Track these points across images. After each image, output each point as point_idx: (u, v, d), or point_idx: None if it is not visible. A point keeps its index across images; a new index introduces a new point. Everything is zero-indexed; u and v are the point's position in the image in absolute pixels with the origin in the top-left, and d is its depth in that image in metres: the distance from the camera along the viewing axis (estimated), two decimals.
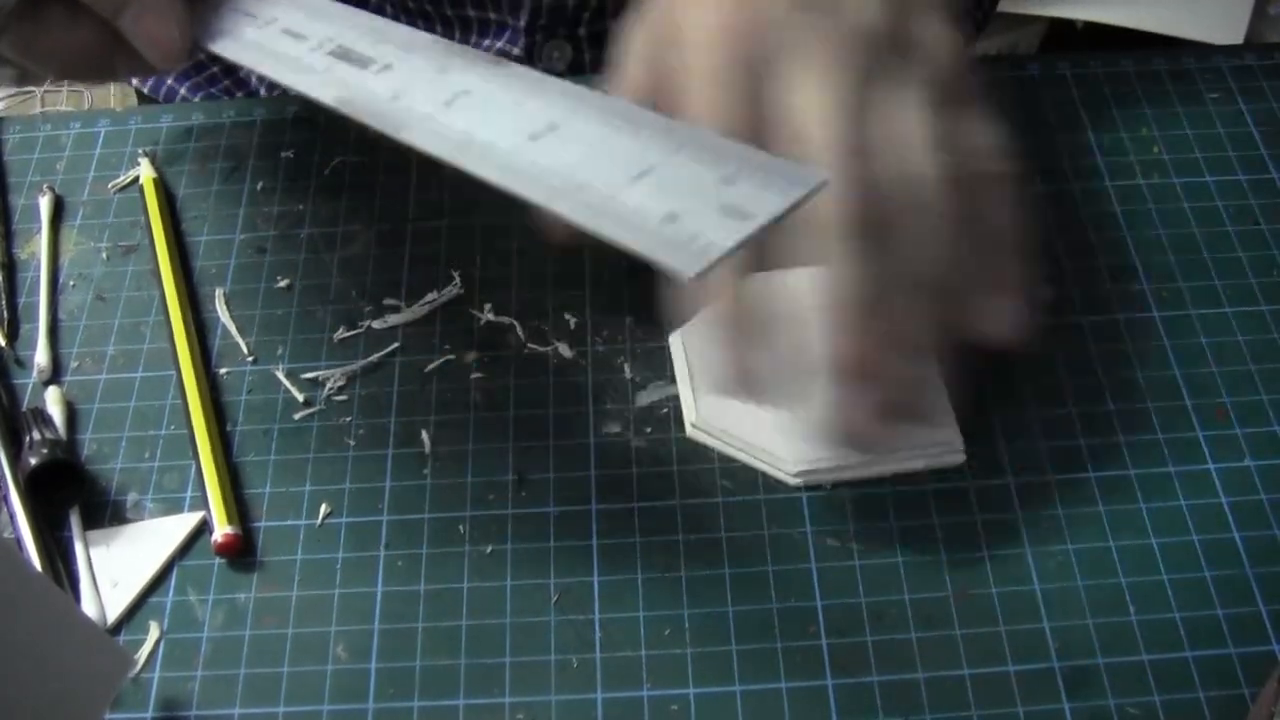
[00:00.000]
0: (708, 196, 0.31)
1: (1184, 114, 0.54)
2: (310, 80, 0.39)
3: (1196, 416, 0.45)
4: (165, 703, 0.40)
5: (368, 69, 0.39)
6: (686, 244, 0.30)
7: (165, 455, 0.45)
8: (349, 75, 0.39)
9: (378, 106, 0.37)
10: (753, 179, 0.32)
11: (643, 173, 0.33)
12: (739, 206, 0.31)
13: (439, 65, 0.38)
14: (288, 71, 0.40)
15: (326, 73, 0.39)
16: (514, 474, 0.44)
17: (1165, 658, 0.39)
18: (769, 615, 0.41)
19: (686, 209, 0.31)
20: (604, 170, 0.33)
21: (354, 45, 0.40)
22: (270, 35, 0.42)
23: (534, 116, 0.35)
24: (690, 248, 0.30)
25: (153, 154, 0.54)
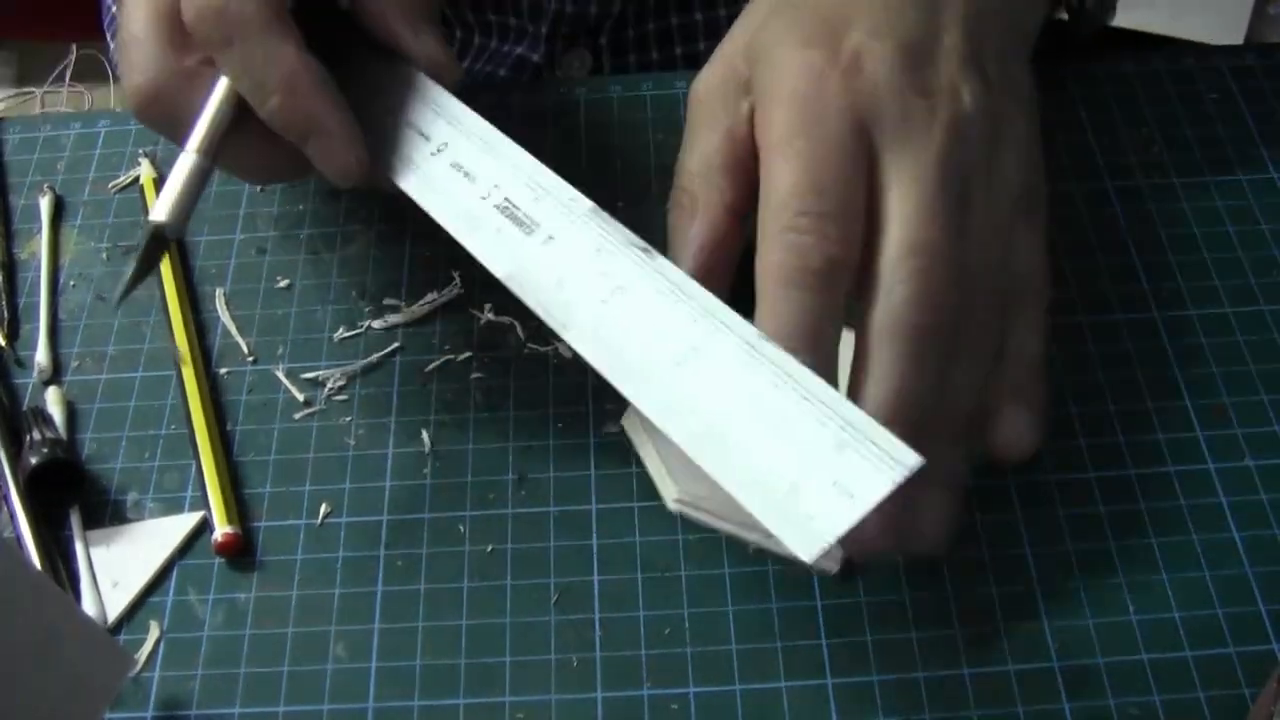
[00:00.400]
0: (824, 464, 0.33)
1: (1184, 114, 0.54)
2: (483, 243, 0.41)
3: (1196, 416, 0.45)
4: (165, 702, 0.40)
5: (532, 235, 0.41)
6: (805, 524, 0.32)
7: (165, 455, 0.45)
8: (517, 243, 0.41)
9: (545, 295, 0.39)
10: (860, 451, 0.33)
11: (773, 427, 0.34)
12: (848, 484, 0.33)
13: (595, 244, 0.40)
14: (463, 228, 0.41)
15: (497, 235, 0.41)
16: (514, 474, 0.44)
17: (1165, 658, 0.39)
18: (769, 615, 0.41)
19: (806, 478, 0.33)
20: (739, 417, 0.35)
21: (518, 200, 0.41)
22: (441, 169, 0.43)
23: (678, 334, 0.37)
24: (808, 528, 0.32)
25: (153, 154, 0.54)
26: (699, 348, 0.37)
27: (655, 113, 0.55)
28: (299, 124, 0.42)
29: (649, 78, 0.57)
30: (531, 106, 0.55)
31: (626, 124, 0.55)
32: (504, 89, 0.57)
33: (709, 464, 0.35)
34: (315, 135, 0.42)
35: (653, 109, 0.55)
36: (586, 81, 0.57)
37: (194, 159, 0.42)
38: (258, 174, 0.46)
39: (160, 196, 0.41)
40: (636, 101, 0.55)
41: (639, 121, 0.55)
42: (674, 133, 0.54)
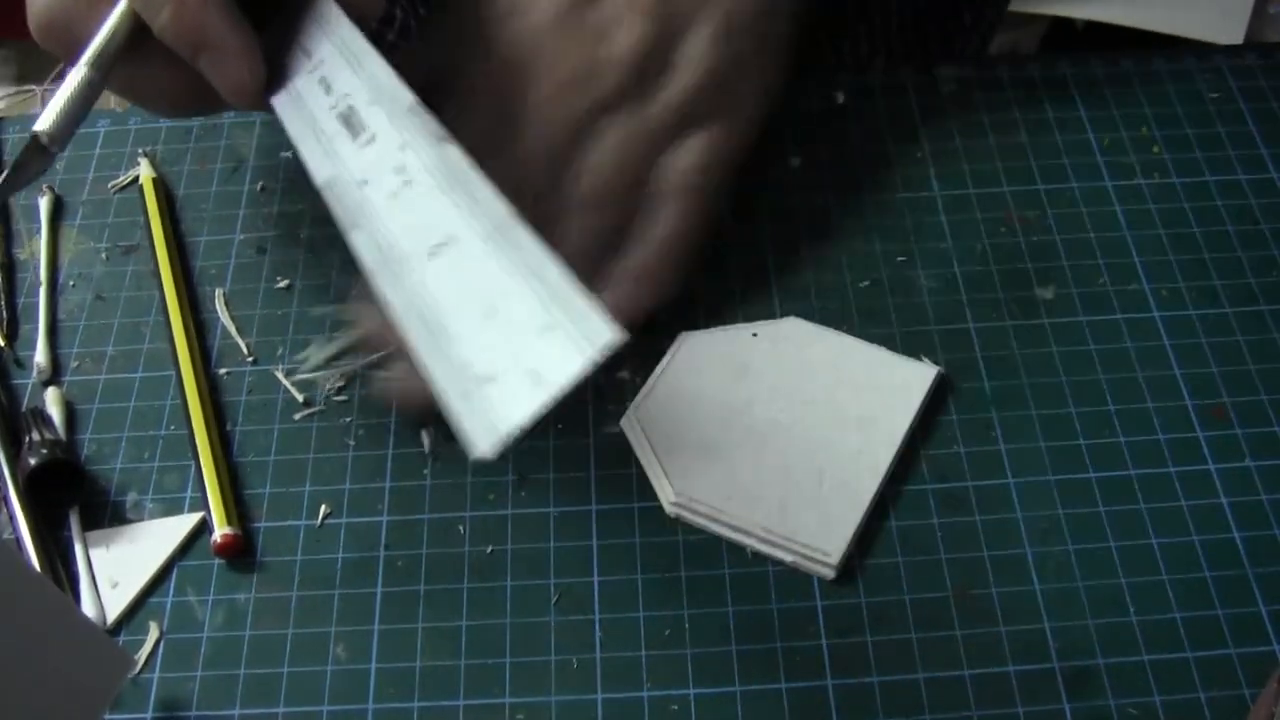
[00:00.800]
0: (527, 350, 0.32)
1: (1184, 114, 0.54)
2: (312, 151, 0.41)
3: (1196, 416, 0.45)
4: (165, 703, 0.40)
5: (357, 139, 0.40)
6: (485, 414, 0.31)
7: (165, 455, 0.45)
8: (342, 148, 0.41)
9: (348, 197, 0.39)
10: (563, 331, 0.32)
11: (493, 315, 0.34)
12: (541, 369, 0.32)
13: (401, 140, 0.39)
14: (302, 136, 0.42)
15: (328, 142, 0.41)
16: (514, 474, 0.44)
17: (1165, 658, 0.39)
18: (769, 615, 0.41)
19: (506, 368, 0.32)
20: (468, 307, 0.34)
21: (359, 106, 0.41)
22: (310, 85, 0.43)
23: (440, 224, 0.36)
24: (488, 419, 0.31)
25: (152, 154, 0.54)
26: (455, 236, 0.36)
27: None
28: (190, 37, 0.42)
29: None
30: None
31: None
32: None
33: (425, 356, 0.34)
34: (208, 50, 0.42)
35: None
36: None
37: (84, 72, 0.41)
38: (157, 99, 0.45)
39: (46, 107, 0.41)
40: None
41: None
42: None
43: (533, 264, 0.34)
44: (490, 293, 0.34)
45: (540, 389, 0.31)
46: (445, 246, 0.36)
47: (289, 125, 0.43)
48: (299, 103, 0.43)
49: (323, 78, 0.43)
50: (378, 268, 0.37)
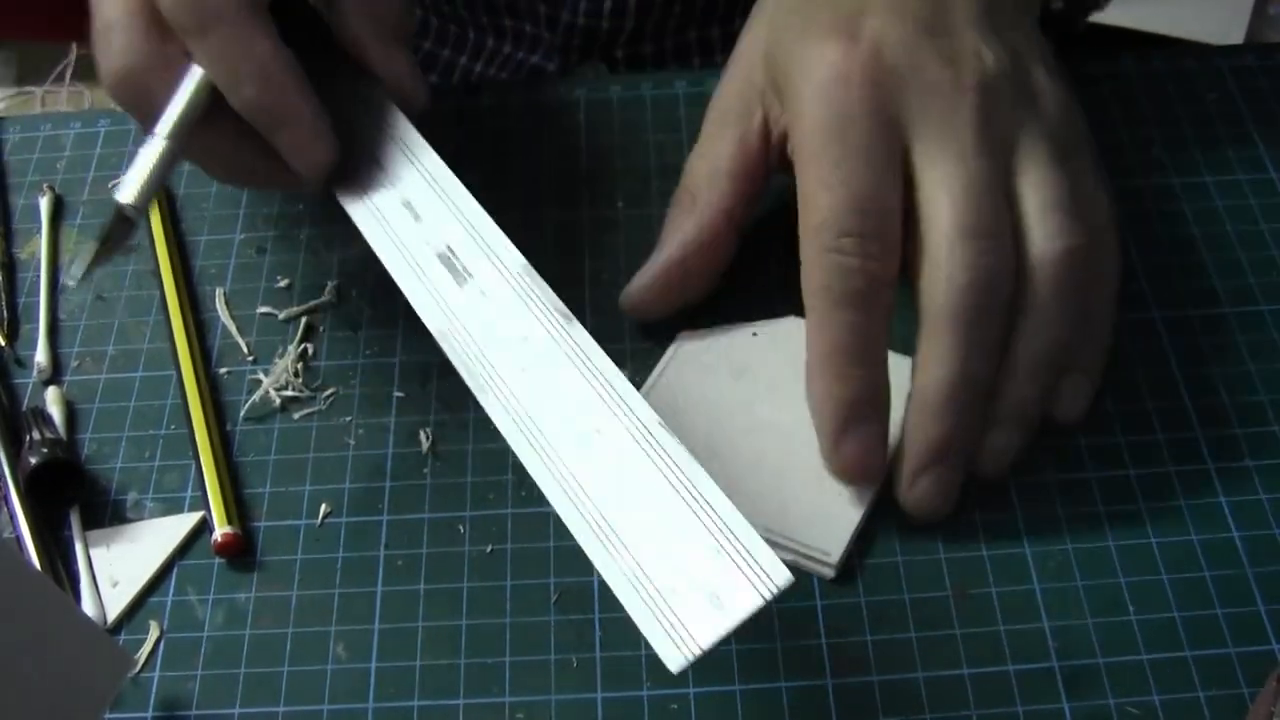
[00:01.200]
0: (701, 571, 0.33)
1: (1184, 114, 0.54)
2: (419, 291, 0.41)
3: (1196, 417, 0.45)
4: (165, 703, 0.40)
5: (464, 287, 0.41)
6: (671, 632, 0.33)
7: (165, 455, 0.45)
8: (450, 295, 0.41)
9: (469, 354, 0.39)
10: (736, 562, 0.33)
11: (658, 523, 0.34)
12: (721, 595, 0.33)
13: (521, 306, 0.40)
14: (403, 270, 0.42)
15: (433, 284, 0.41)
16: (514, 474, 0.44)
17: (1165, 658, 0.39)
18: (769, 616, 0.41)
19: (683, 584, 0.33)
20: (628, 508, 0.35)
21: (458, 249, 0.42)
22: (391, 204, 0.43)
23: (585, 412, 0.37)
24: (678, 636, 0.33)
25: None
26: (602, 430, 0.37)
27: (655, 113, 0.55)
28: (271, 113, 0.42)
29: (649, 77, 0.57)
30: (532, 106, 0.55)
31: (626, 124, 0.55)
32: (503, 89, 0.57)
33: (594, 553, 0.35)
34: (286, 126, 0.43)
35: (653, 109, 0.55)
36: (586, 81, 0.57)
37: (162, 144, 0.42)
38: (226, 169, 0.46)
39: (126, 177, 0.41)
40: (636, 101, 0.55)
41: (639, 121, 0.55)
42: (674, 132, 0.54)
43: (690, 477, 0.35)
44: (651, 499, 0.35)
45: (723, 615, 0.33)
46: (593, 437, 0.37)
47: (377, 247, 0.43)
48: (379, 219, 0.43)
49: (406, 201, 0.43)
50: (515, 438, 0.37)
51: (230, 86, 0.42)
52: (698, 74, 0.57)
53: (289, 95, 0.42)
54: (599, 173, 0.53)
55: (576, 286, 0.49)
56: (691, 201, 0.45)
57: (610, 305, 0.48)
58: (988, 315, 0.40)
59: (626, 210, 0.52)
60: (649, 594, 0.33)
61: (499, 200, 0.52)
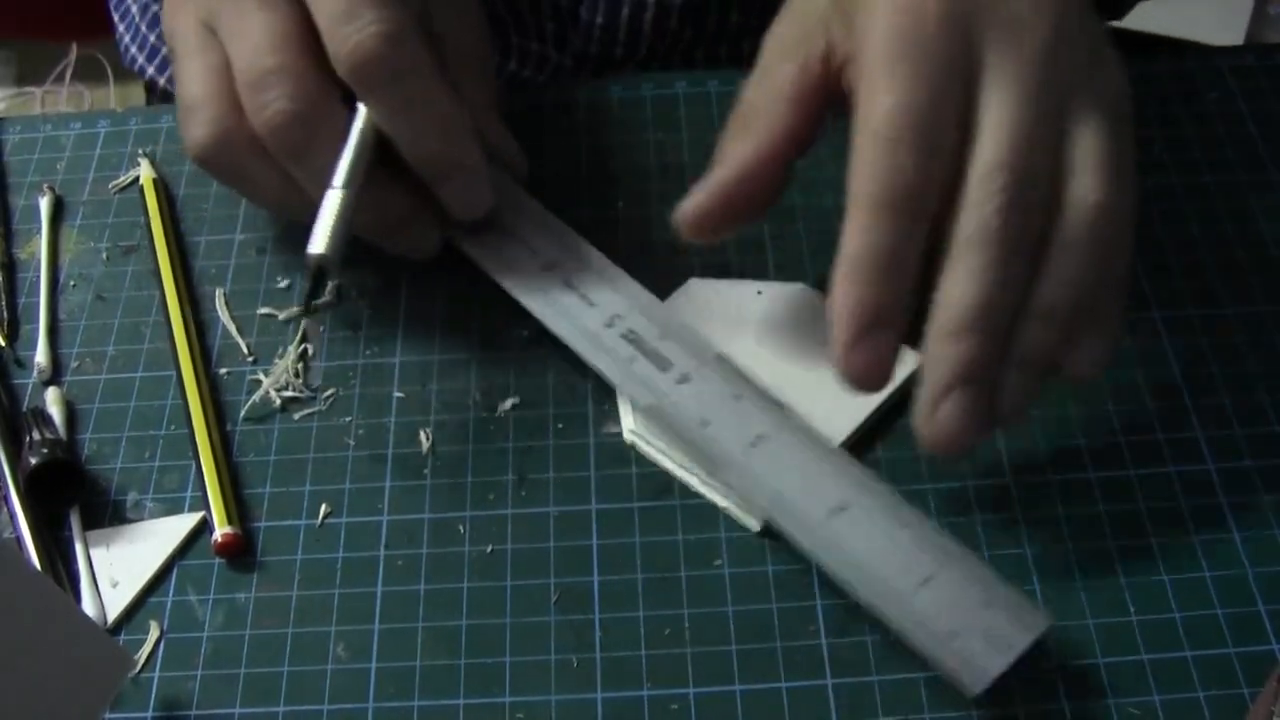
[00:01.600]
0: (974, 618, 0.38)
1: (1184, 114, 0.54)
2: (619, 372, 0.44)
3: (1196, 416, 0.45)
4: (165, 703, 0.40)
5: (667, 372, 0.44)
6: (969, 662, 0.37)
7: (165, 455, 0.45)
8: (653, 377, 0.44)
9: (690, 431, 0.42)
10: (1004, 611, 0.38)
11: (925, 580, 0.39)
12: (1000, 636, 0.38)
13: (734, 390, 0.43)
14: (594, 352, 0.44)
15: (631, 365, 0.44)
16: (514, 474, 0.44)
17: (1165, 658, 0.39)
18: (769, 615, 0.41)
19: (961, 627, 0.38)
20: (893, 568, 0.39)
21: (644, 334, 0.45)
22: (556, 285, 0.46)
23: (828, 489, 0.41)
24: (973, 667, 0.37)
25: (152, 154, 0.54)
26: (848, 504, 0.40)
27: (655, 113, 0.55)
28: (449, 161, 0.45)
29: (649, 78, 0.57)
30: (532, 106, 0.55)
31: (626, 124, 0.55)
32: (502, 92, 0.57)
33: (879, 605, 0.39)
34: (460, 172, 0.46)
35: (653, 109, 0.55)
36: (586, 81, 0.57)
37: (340, 193, 0.43)
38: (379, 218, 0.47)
39: (315, 230, 0.43)
40: (636, 101, 0.55)
41: (639, 121, 0.55)
42: (674, 132, 0.54)
43: (941, 543, 0.40)
44: (914, 561, 0.39)
45: (1007, 651, 0.38)
46: (843, 511, 0.40)
47: (556, 329, 0.45)
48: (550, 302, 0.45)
49: (568, 282, 0.46)
50: (776, 511, 0.41)
51: (412, 137, 0.45)
52: (698, 74, 0.57)
53: (469, 143, 0.45)
54: (599, 173, 0.53)
55: None
56: (747, 125, 0.44)
57: None
58: (1016, 246, 0.39)
59: (626, 210, 0.52)
60: (937, 637, 0.38)
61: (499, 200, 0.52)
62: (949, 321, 0.40)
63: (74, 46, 1.60)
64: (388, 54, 0.43)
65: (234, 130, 0.45)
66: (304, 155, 0.44)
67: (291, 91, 0.44)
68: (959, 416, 0.39)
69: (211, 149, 0.45)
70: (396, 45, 0.43)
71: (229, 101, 0.45)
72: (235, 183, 0.47)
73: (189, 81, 0.46)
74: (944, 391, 0.39)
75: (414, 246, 0.48)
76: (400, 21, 0.43)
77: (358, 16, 0.43)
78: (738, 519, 0.43)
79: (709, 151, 0.53)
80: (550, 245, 0.47)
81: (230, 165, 0.46)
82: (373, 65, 0.43)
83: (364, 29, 0.43)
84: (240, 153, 0.45)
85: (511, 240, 0.47)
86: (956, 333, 0.39)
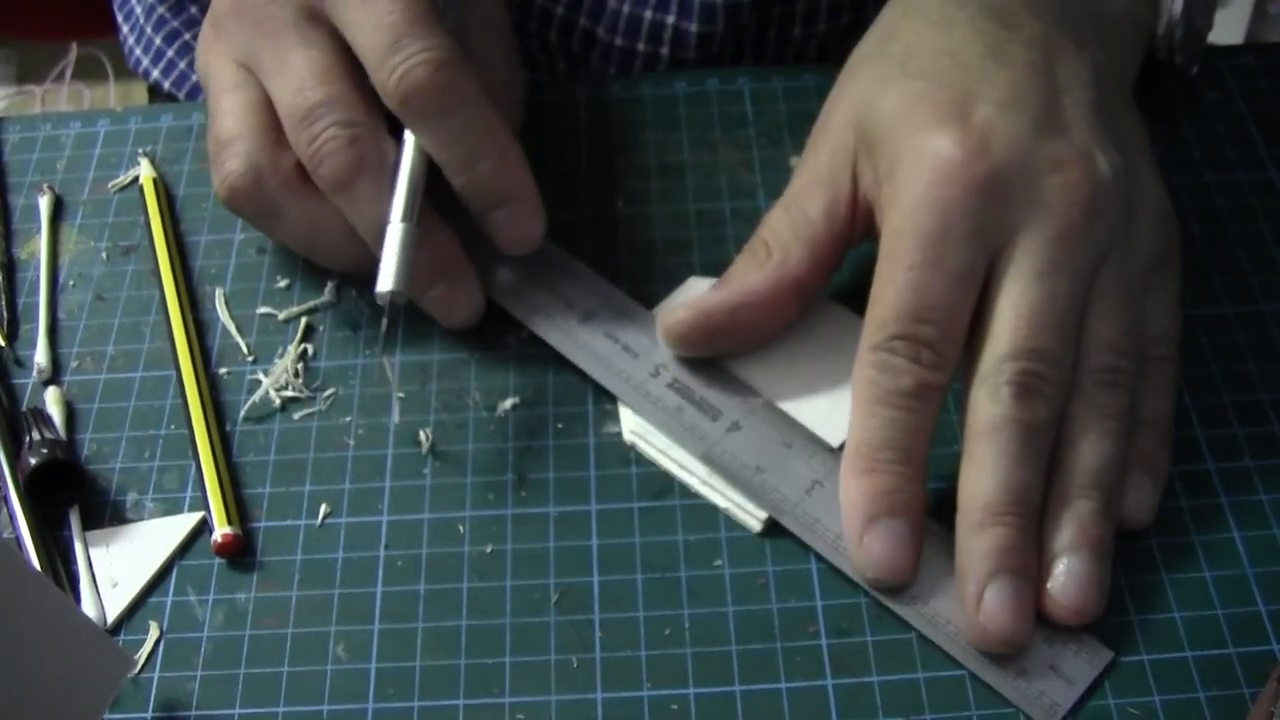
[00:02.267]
0: (1039, 654, 0.39)
1: (1184, 114, 0.54)
2: (669, 421, 0.44)
3: (1197, 417, 0.45)
4: (165, 703, 0.40)
5: (717, 421, 0.44)
6: (1038, 699, 0.38)
7: (165, 455, 0.45)
8: (703, 427, 0.44)
9: (745, 478, 0.43)
10: (1066, 647, 0.39)
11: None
12: (1063, 671, 0.39)
13: (783, 438, 0.43)
14: (642, 402, 0.44)
15: (679, 415, 0.44)
16: (514, 474, 0.44)
17: (1165, 658, 0.39)
18: (769, 615, 0.41)
19: (1029, 664, 0.39)
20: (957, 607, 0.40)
21: (690, 384, 0.45)
22: (596, 336, 0.46)
23: None
24: (1042, 703, 0.38)
25: (152, 154, 0.54)
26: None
27: (655, 113, 0.55)
28: (502, 190, 0.45)
29: (649, 78, 0.57)
30: (532, 106, 0.55)
31: (626, 124, 0.55)
32: None
33: (950, 646, 0.39)
34: (513, 201, 0.45)
35: (652, 109, 0.55)
36: (586, 81, 0.57)
37: (400, 227, 0.43)
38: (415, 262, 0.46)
39: (381, 267, 0.43)
40: (636, 101, 0.55)
41: (639, 121, 0.55)
42: (674, 132, 0.54)
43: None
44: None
45: (1072, 686, 0.39)
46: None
47: (603, 379, 0.45)
48: (594, 353, 0.45)
49: (609, 333, 0.46)
50: (835, 556, 0.41)
51: (464, 164, 0.44)
52: (698, 74, 0.57)
53: (520, 170, 0.45)
54: (599, 173, 0.53)
55: None
56: (766, 256, 0.44)
57: None
58: (1033, 431, 0.39)
59: (626, 210, 0.52)
60: (1007, 675, 0.39)
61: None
62: (968, 514, 0.39)
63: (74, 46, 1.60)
64: (438, 83, 0.43)
65: (270, 165, 0.45)
66: (354, 185, 0.44)
67: (341, 120, 0.44)
68: (1002, 607, 0.38)
69: (246, 181, 0.45)
70: (446, 74, 0.43)
71: (267, 136, 0.45)
72: (265, 219, 0.47)
73: (225, 115, 0.46)
74: (980, 584, 0.39)
75: (453, 301, 0.46)
76: (448, 49, 0.43)
77: (404, 47, 0.43)
78: (739, 520, 0.43)
79: (709, 151, 0.53)
80: (585, 295, 0.47)
81: (263, 200, 0.46)
82: (424, 96, 0.43)
83: (412, 59, 0.43)
84: (275, 188, 0.45)
85: (547, 293, 0.47)
86: (979, 523, 0.39)
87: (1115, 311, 0.41)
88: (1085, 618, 0.39)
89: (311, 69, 0.44)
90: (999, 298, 0.40)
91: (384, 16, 0.43)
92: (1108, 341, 0.41)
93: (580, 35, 0.60)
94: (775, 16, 0.59)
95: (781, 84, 0.55)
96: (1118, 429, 0.41)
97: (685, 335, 0.44)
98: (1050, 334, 0.40)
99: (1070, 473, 0.40)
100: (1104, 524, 0.40)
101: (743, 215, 0.51)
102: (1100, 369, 0.41)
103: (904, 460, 0.40)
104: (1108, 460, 0.40)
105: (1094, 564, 0.39)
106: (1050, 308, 0.40)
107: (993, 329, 0.40)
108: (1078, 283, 0.40)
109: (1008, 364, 0.40)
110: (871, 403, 0.40)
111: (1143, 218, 0.43)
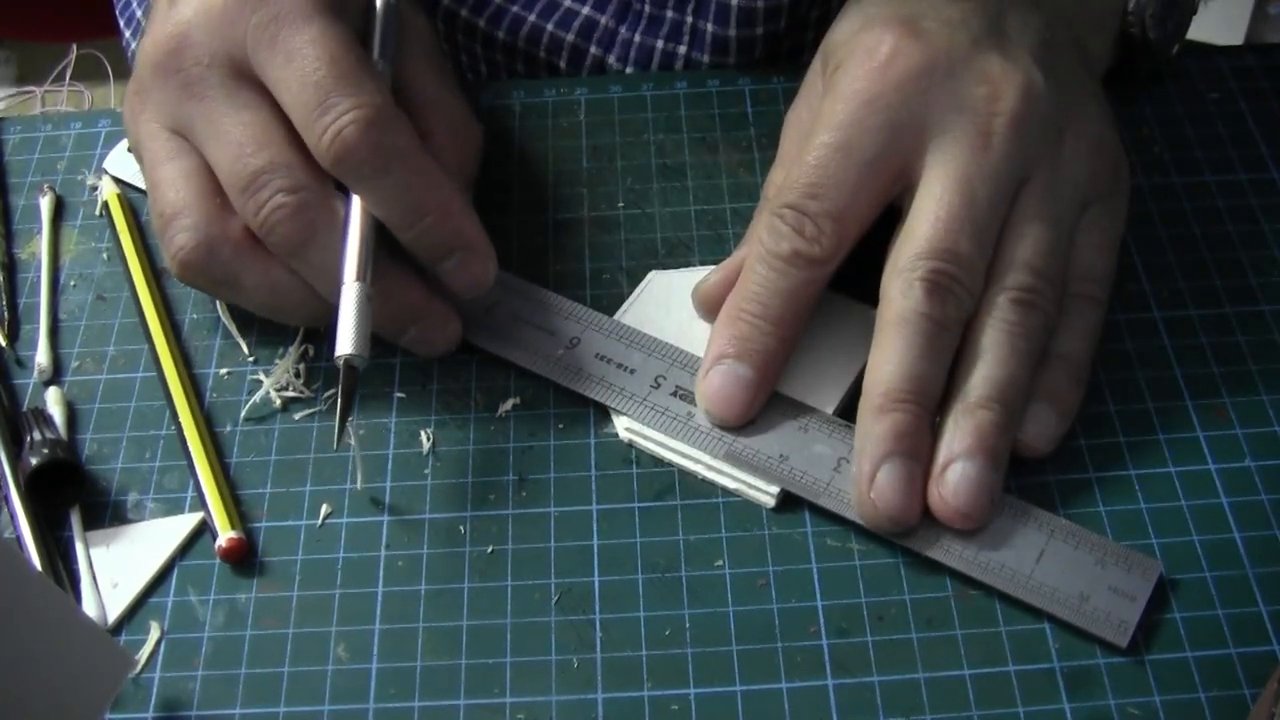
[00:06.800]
0: (1097, 577, 0.40)
1: (1184, 114, 0.54)
2: (686, 431, 0.44)
3: (1196, 416, 0.45)
4: (165, 703, 0.40)
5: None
6: (1105, 619, 0.39)
7: (165, 455, 0.45)
8: (716, 428, 0.44)
9: (772, 468, 0.43)
10: (1118, 566, 0.40)
11: (1039, 554, 0.41)
12: (1122, 589, 0.40)
13: (797, 422, 0.44)
14: (646, 413, 0.44)
15: (688, 421, 0.44)
16: (514, 474, 0.44)
17: (1165, 658, 0.39)
18: (769, 615, 0.41)
19: (1088, 589, 0.40)
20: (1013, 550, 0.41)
21: (693, 388, 0.45)
22: (587, 360, 0.46)
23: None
24: (1110, 622, 0.39)
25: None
26: None
27: (655, 113, 0.55)
28: (448, 242, 0.44)
29: (649, 78, 0.57)
30: (531, 105, 0.55)
31: (626, 124, 0.55)
32: (503, 89, 0.57)
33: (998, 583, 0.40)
34: (460, 251, 0.44)
35: (653, 109, 0.55)
36: (586, 81, 0.57)
37: (355, 287, 0.43)
38: (380, 314, 0.45)
39: (339, 330, 0.42)
40: (636, 101, 0.55)
41: (639, 121, 0.55)
42: (674, 133, 0.54)
43: (1051, 521, 0.41)
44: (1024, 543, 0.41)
45: (1134, 602, 0.40)
46: None
47: (609, 401, 0.45)
48: (590, 377, 0.45)
49: (599, 354, 0.46)
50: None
51: (407, 221, 0.44)
52: (698, 74, 0.57)
53: (463, 219, 0.44)
54: (599, 173, 0.53)
55: (577, 287, 0.49)
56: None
57: (610, 304, 0.48)
58: (940, 327, 0.41)
59: (626, 210, 0.52)
60: (1071, 602, 0.40)
61: (499, 200, 0.52)
62: (869, 397, 0.41)
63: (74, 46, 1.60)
64: (370, 143, 0.42)
65: (220, 234, 0.44)
66: (307, 248, 0.43)
67: (286, 186, 0.43)
68: (894, 487, 0.40)
69: (200, 255, 0.44)
70: (377, 132, 0.42)
71: (211, 203, 0.44)
72: (223, 288, 0.46)
73: (165, 188, 0.45)
74: (873, 465, 0.40)
75: (431, 340, 0.46)
76: (378, 105, 0.42)
77: (332, 106, 0.42)
78: (751, 499, 0.43)
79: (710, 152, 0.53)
80: (567, 323, 0.47)
81: (218, 270, 0.44)
82: (357, 156, 0.42)
83: (341, 118, 0.42)
84: (229, 256, 0.44)
85: (527, 327, 0.47)
86: (878, 407, 0.41)
87: (1036, 234, 0.42)
88: (972, 522, 0.41)
89: (248, 134, 0.43)
90: (919, 196, 0.42)
91: (309, 75, 0.42)
92: (1024, 260, 0.42)
93: (591, 64, 0.60)
94: (785, 49, 0.59)
95: (782, 84, 0.55)
96: (1026, 349, 0.42)
97: (715, 295, 0.46)
98: (965, 237, 0.41)
99: (973, 381, 0.41)
100: (1001, 437, 0.41)
101: (743, 216, 0.51)
102: (1014, 287, 0.42)
103: (764, 316, 0.42)
104: (1012, 378, 0.41)
105: (988, 472, 0.41)
106: (967, 212, 0.41)
107: (910, 225, 0.42)
108: (996, 193, 0.42)
109: (921, 261, 0.41)
110: (753, 260, 0.43)
111: (1074, 146, 0.44)
